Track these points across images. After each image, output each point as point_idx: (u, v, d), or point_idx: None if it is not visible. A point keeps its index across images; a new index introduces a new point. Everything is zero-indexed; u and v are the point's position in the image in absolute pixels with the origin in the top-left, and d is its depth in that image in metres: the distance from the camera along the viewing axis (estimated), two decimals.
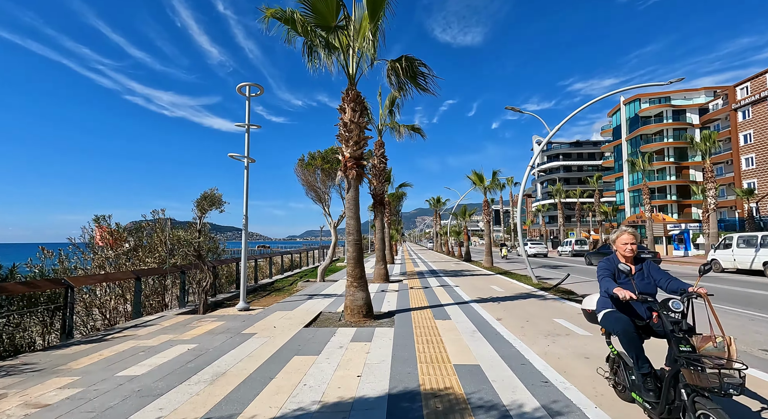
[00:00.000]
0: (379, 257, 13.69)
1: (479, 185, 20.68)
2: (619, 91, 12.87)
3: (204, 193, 8.52)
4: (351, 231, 7.41)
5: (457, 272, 17.59)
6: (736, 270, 17.95)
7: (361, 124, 7.38)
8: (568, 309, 8.07)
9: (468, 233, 27.99)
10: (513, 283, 13.00)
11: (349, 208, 7.45)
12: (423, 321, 6.90)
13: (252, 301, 10.62)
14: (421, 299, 9.59)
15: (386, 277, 13.54)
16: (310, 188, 13.44)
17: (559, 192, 49.20)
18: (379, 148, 13.63)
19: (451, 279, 14.22)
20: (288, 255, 20.47)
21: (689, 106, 58.50)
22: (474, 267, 20.29)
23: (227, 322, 7.04)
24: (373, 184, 13.67)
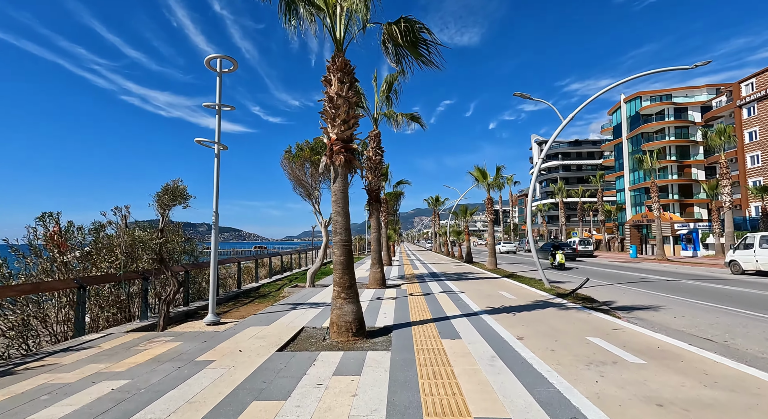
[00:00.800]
0: (374, 259, 12.35)
1: (482, 182, 19.40)
2: (642, 75, 11.62)
3: (165, 186, 7.16)
4: (338, 230, 6.08)
5: (459, 275, 16.28)
6: (756, 271, 16.75)
7: (350, 99, 6.05)
8: (599, 322, 6.77)
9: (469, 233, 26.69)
10: (523, 288, 11.69)
11: (336, 201, 6.11)
12: (427, 342, 5.57)
13: (227, 311, 9.27)
14: (423, 309, 8.26)
15: (383, 282, 12.21)
16: (298, 183, 12.09)
17: (561, 190, 48.03)
18: (375, 138, 12.30)
19: (455, 284, 12.91)
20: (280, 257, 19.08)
21: (691, 104, 57.54)
22: (477, 270, 18.99)
23: (184, 343, 5.68)
24: (368, 178, 12.34)
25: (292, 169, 11.84)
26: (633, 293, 11.70)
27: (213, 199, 7.58)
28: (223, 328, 6.79)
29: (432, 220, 47.80)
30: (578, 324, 6.59)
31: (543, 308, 8.29)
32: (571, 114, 11.80)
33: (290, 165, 11.78)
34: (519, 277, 15.28)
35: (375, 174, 12.23)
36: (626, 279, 15.87)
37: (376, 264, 12.29)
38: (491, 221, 19.52)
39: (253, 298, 11.82)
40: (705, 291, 11.84)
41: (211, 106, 7.67)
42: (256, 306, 10.34)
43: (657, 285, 13.67)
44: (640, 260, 28.20)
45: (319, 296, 10.49)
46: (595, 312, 7.80)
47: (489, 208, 19.42)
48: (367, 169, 12.30)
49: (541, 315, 7.46)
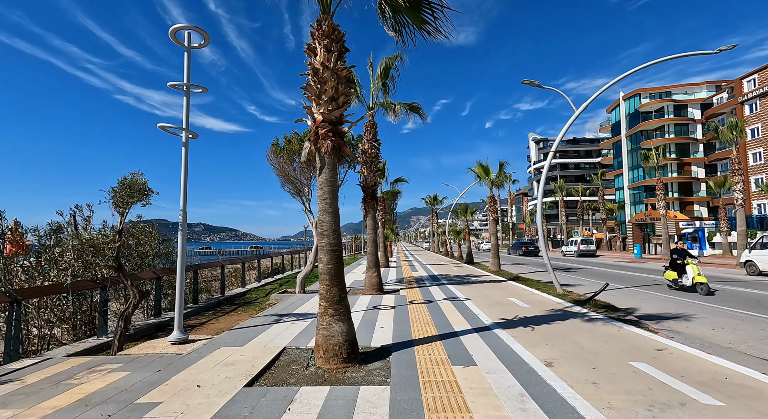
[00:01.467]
0: (370, 262, 11.26)
1: (484, 179, 18.35)
2: (664, 60, 10.61)
3: (123, 180, 6.03)
4: (325, 231, 4.98)
5: (462, 278, 15.22)
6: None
7: (339, 72, 4.95)
8: (635, 339, 5.72)
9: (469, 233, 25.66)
10: (534, 294, 10.65)
11: (322, 197, 5.02)
12: (434, 370, 4.49)
13: (203, 324, 8.14)
14: (426, 322, 7.18)
15: (380, 287, 11.12)
16: (287, 179, 10.97)
17: (561, 188, 47.14)
18: (371, 130, 11.20)
19: (458, 289, 11.84)
20: (270, 259, 17.94)
21: (691, 101, 56.95)
22: (479, 272, 17.95)
23: (133, 373, 4.56)
24: (363, 173, 11.24)
25: (280, 164, 10.72)
26: (653, 299, 10.70)
27: (180, 194, 6.45)
28: (188, 349, 5.67)
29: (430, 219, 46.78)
30: (613, 343, 5.53)
31: (563, 319, 7.23)
32: (585, 102, 10.78)
33: (277, 159, 10.66)
34: (526, 280, 14.25)
35: (371, 169, 11.14)
36: (638, 281, 14.88)
37: (373, 267, 11.20)
38: (494, 220, 18.48)
39: (237, 306, 10.70)
40: (730, 296, 10.86)
41: (177, 87, 6.53)
42: (237, 316, 9.22)
43: None
44: (645, 260, 27.32)
45: (308, 305, 9.38)
46: (625, 324, 6.76)
47: (492, 206, 18.38)
48: (362, 163, 11.20)
49: (565, 330, 6.40)
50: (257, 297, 12.42)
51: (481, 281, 14.02)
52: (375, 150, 11.15)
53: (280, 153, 10.54)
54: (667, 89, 57.48)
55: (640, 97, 58.86)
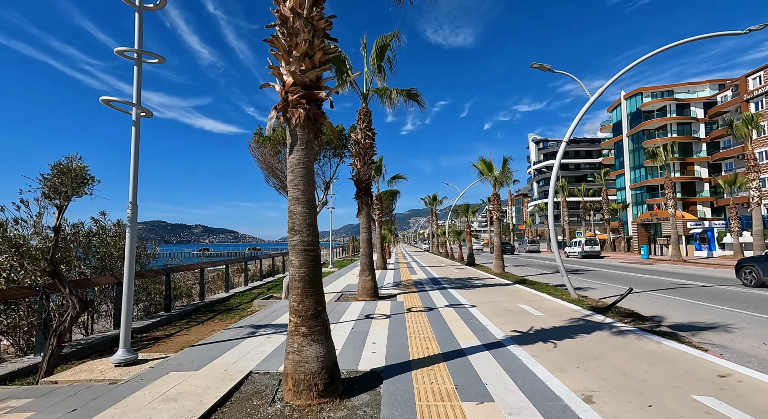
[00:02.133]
0: (364, 264, 10.15)
1: (487, 175, 17.29)
2: (689, 40, 9.56)
3: (57, 165, 4.93)
4: (297, 226, 3.88)
5: (464, 281, 14.11)
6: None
7: (314, 21, 3.86)
8: (685, 360, 4.62)
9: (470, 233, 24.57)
10: (547, 300, 9.55)
11: (294, 182, 3.92)
12: (438, 409, 3.37)
13: (170, 336, 7.04)
14: (427, 335, 6.07)
15: (374, 292, 10.01)
16: (271, 172, 9.87)
17: (564, 188, 46.09)
18: (364, 118, 10.11)
19: (461, 294, 10.74)
20: (259, 261, 16.80)
21: (693, 100, 56.14)
22: (482, 274, 16.85)
23: (38, 415, 3.44)
24: (356, 166, 10.14)
25: (263, 155, 9.62)
26: (678, 304, 9.61)
27: (129, 184, 5.34)
28: (131, 373, 4.55)
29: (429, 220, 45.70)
30: (660, 367, 4.44)
31: (588, 332, 6.13)
32: (601, 88, 9.71)
33: (260, 150, 9.56)
34: (534, 284, 13.15)
35: (364, 161, 10.04)
36: (654, 284, 13.80)
37: (367, 270, 10.09)
38: (498, 219, 17.39)
39: (215, 314, 9.58)
40: (760, 301, 9.78)
41: (128, 55, 5.43)
42: (212, 326, 8.11)
43: (696, 292, 11.59)
44: (653, 261, 26.26)
45: None
46: (663, 339, 5.66)
47: (496, 204, 17.30)
48: (354, 154, 10.10)
49: (594, 346, 5.30)
50: (240, 302, 11.31)
51: (486, 285, 12.92)
52: (369, 140, 10.06)
53: (263, 143, 9.44)
54: (669, 88, 56.67)
55: (641, 96, 58.04)
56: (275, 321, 7.52)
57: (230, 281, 12.84)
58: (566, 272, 10.33)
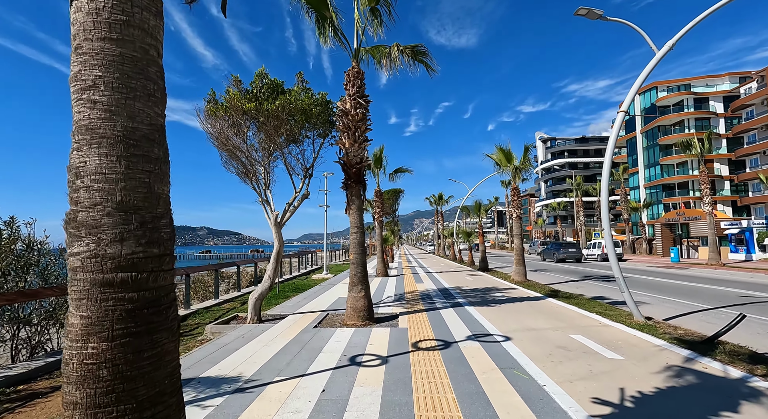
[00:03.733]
0: (355, 277, 7.61)
1: (505, 167, 14.71)
2: None
3: None
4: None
5: (483, 294, 11.52)
6: None
7: None
8: None
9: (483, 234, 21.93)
10: (605, 326, 6.94)
11: None
12: None
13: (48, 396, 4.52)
14: (448, 406, 3.52)
15: (368, 313, 7.47)
16: (231, 154, 7.37)
17: (579, 186, 43.29)
18: (354, 80, 7.58)
19: (484, 314, 8.16)
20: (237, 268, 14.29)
21: (712, 94, 53.23)
22: (501, 283, 14.24)
23: None
24: (343, 144, 7.62)
25: (219, 130, 7.12)
26: None
27: None
28: None
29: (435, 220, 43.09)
30: None
31: (708, 391, 3.55)
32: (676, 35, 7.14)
33: (214, 122, 7.05)
34: (570, 297, 10.55)
35: (355, 137, 7.51)
36: (717, 297, 11.13)
37: (358, 284, 7.54)
38: (518, 218, 14.77)
39: None
40: None
41: None
42: None
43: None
44: (687, 265, 23.48)
45: (249, 349, 5.71)
46: None
47: (516, 199, 14.69)
48: (342, 129, 7.57)
49: None
50: (199, 324, 8.82)
51: (511, 298, 10.32)
52: (361, 110, 7.53)
53: (218, 112, 6.94)
54: (686, 81, 53.86)
55: (656, 90, 55.24)
56: (219, 368, 4.97)
57: (190, 295, 10.34)
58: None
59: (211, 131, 7.09)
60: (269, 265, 8.08)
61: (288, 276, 19.02)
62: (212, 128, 7.04)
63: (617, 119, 8.00)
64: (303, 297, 11.69)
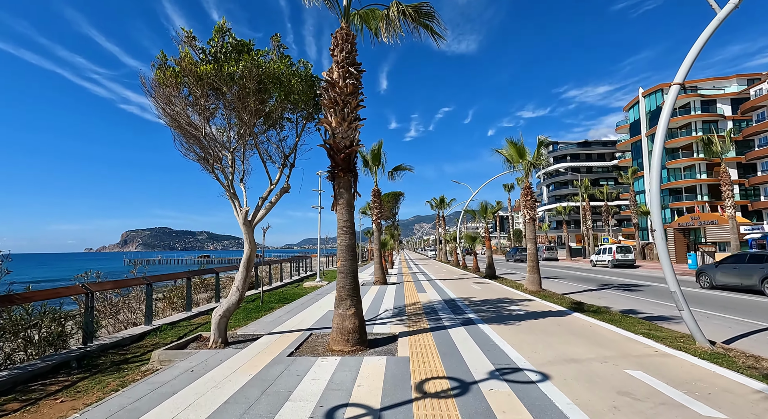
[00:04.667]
0: (343, 289, 6.04)
1: (517, 163, 13.20)
2: None
3: None
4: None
5: (495, 306, 9.93)
6: None
7: None
8: None
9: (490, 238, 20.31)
10: (664, 354, 5.36)
11: None
12: None
13: None
14: None
15: (359, 336, 5.89)
16: (185, 133, 5.84)
17: (587, 188, 41.74)
18: (343, 44, 6.08)
19: (504, 335, 6.58)
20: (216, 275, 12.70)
21: (720, 96, 52.02)
22: (513, 292, 12.65)
23: None
24: (329, 123, 6.11)
25: (168, 102, 5.59)
26: None
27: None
28: None
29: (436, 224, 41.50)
30: None
31: None
32: None
33: (163, 91, 5.53)
34: (601, 313, 8.96)
35: (344, 115, 6.00)
36: (759, 309, 9.55)
37: (347, 298, 5.97)
38: (531, 220, 13.21)
39: (86, 375, 5.53)
40: None
41: None
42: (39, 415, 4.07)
43: None
44: None
45: (188, 396, 4.13)
46: None
47: (528, 199, 13.14)
48: (327, 105, 6.06)
49: None
50: (156, 344, 7.24)
51: (530, 313, 8.72)
52: (352, 81, 6.02)
53: (168, 80, 5.41)
54: (693, 84, 52.73)
55: (662, 92, 54.10)
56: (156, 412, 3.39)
57: (152, 308, 8.73)
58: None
59: (160, 104, 5.56)
60: (238, 275, 6.51)
61: (278, 284, 17.43)
62: (160, 98, 5.51)
63: (670, 92, 6.51)
64: (287, 310, 10.11)
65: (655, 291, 14.30)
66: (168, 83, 5.32)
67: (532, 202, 13.20)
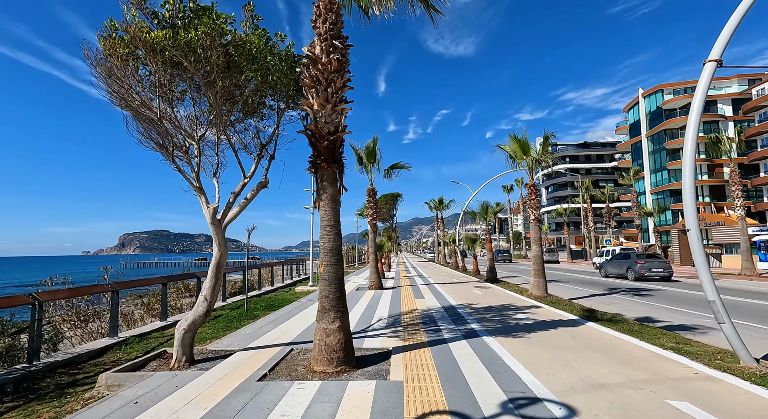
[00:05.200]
0: (326, 301, 5.16)
1: (521, 159, 12.37)
2: None
3: None
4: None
5: (500, 314, 9.05)
6: None
7: None
8: None
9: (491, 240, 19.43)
10: (706, 377, 4.49)
11: None
12: None
13: None
14: None
15: (344, 355, 5.00)
16: (144, 119, 4.96)
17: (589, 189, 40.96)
18: (326, 14, 5.24)
19: (513, 350, 5.70)
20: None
21: (721, 96, 51.61)
22: (517, 298, 11.77)
23: None
24: (310, 105, 5.25)
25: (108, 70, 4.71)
26: None
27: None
28: None
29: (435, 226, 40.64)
30: None
31: None
32: None
33: (110, 64, 4.66)
34: (617, 322, 8.09)
35: (328, 97, 5.15)
36: None
37: (331, 311, 5.08)
38: (536, 220, 12.36)
39: (21, 403, 4.63)
40: None
41: None
42: None
43: None
44: (716, 275, 21.05)
45: None
46: None
47: (533, 198, 12.29)
48: (308, 84, 5.20)
49: None
50: (117, 361, 6.34)
51: (539, 323, 7.84)
52: (337, 57, 5.16)
53: (119, 49, 4.54)
54: (693, 84, 52.30)
55: (662, 93, 53.65)
56: None
57: (117, 318, 7.82)
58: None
59: (103, 76, 4.67)
60: (206, 283, 5.61)
61: (269, 288, 16.51)
62: (107, 75, 4.63)
63: (705, 70, 5.72)
64: (272, 318, 9.21)
65: (667, 295, 13.47)
66: (115, 54, 4.45)
67: (537, 201, 12.35)
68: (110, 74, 4.48)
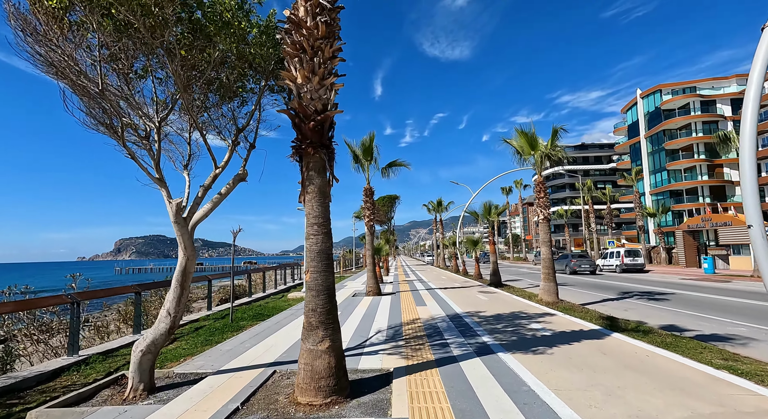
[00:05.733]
0: (314, 315, 4.24)
1: (528, 155, 11.52)
2: None
3: None
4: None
5: (512, 323, 8.12)
6: None
7: None
8: None
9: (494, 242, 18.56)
10: None
11: None
12: None
13: None
14: None
15: (335, 382, 4.06)
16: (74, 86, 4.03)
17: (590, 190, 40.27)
18: None
19: (536, 371, 4.78)
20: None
21: (720, 96, 51.23)
22: (527, 304, 10.85)
23: None
24: (293, 78, 4.33)
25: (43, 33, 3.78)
26: None
27: None
28: None
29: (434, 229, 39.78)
30: None
31: None
32: None
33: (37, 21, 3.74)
34: (642, 332, 7.19)
35: (314, 68, 4.25)
36: None
37: (318, 327, 4.15)
38: (546, 219, 11.47)
39: None
40: None
41: None
42: None
43: None
44: (726, 277, 20.26)
45: None
46: None
47: (542, 196, 11.42)
48: (290, 54, 4.31)
49: None
50: (70, 387, 5.35)
51: (558, 334, 6.92)
52: (325, 19, 4.27)
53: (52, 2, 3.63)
54: (692, 84, 51.96)
55: (661, 93, 53.22)
56: None
57: (78, 335, 6.83)
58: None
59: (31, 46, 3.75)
60: (169, 294, 4.66)
61: (260, 295, 15.50)
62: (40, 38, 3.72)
63: (765, 36, 4.87)
64: (257, 331, 8.23)
65: (684, 300, 12.62)
66: (45, 11, 3.53)
67: (546, 199, 11.47)
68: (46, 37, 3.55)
